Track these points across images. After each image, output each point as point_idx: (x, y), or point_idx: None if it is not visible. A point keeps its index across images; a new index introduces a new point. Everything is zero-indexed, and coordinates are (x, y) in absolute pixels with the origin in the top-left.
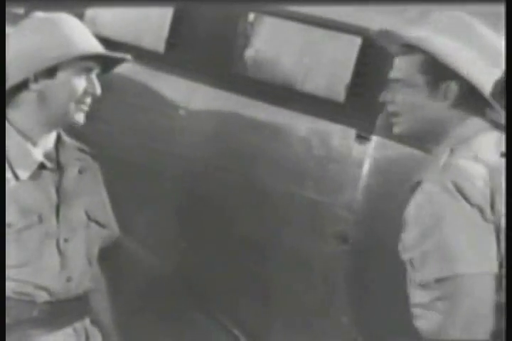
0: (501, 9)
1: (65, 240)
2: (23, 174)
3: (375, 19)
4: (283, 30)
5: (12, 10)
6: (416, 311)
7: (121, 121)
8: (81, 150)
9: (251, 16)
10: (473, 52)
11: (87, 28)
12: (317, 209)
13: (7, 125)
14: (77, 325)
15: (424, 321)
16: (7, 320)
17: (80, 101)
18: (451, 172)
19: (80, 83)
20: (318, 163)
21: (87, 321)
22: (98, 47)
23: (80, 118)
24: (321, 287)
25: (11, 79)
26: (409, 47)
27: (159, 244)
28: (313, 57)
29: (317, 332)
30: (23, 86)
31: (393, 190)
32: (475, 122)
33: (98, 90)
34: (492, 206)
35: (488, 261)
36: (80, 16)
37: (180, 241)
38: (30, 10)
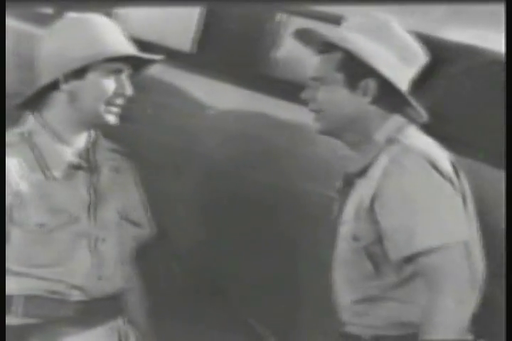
0: (501, 9)
1: (98, 239)
2: (55, 174)
3: (400, 20)
4: None
5: (40, 10)
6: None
7: (149, 121)
8: (115, 150)
9: (279, 16)
10: (389, 51)
11: (118, 28)
12: None
13: (39, 125)
14: (111, 324)
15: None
16: (39, 319)
17: (110, 102)
18: (419, 151)
19: (109, 84)
20: (343, 163)
21: (120, 321)
22: (129, 48)
23: (110, 119)
24: None
25: (43, 79)
26: (328, 46)
27: (186, 243)
28: None
29: None
30: (54, 86)
31: None
32: (396, 118)
33: (129, 91)
34: (457, 178)
35: (462, 229)
36: (111, 16)
37: (207, 240)
38: (60, 10)
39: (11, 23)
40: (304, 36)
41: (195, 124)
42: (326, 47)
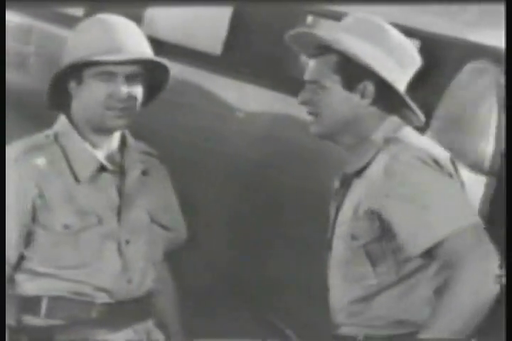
0: (501, 9)
1: (126, 242)
2: (83, 176)
3: (433, 22)
4: None
5: (70, 12)
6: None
7: (177, 123)
8: (146, 152)
9: (309, 18)
10: (385, 53)
11: (143, 31)
12: None
13: (69, 126)
14: (138, 326)
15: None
16: (63, 320)
17: (109, 107)
18: (420, 148)
19: (103, 88)
20: None
21: (149, 323)
22: (132, 50)
23: (114, 122)
24: None
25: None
26: (324, 49)
27: (211, 243)
28: None
29: None
30: (64, 89)
31: None
32: (393, 118)
33: (123, 94)
34: (456, 171)
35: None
36: (139, 19)
37: (232, 240)
38: (90, 12)
39: (39, 24)
40: (299, 39)
41: (223, 126)
42: (321, 49)
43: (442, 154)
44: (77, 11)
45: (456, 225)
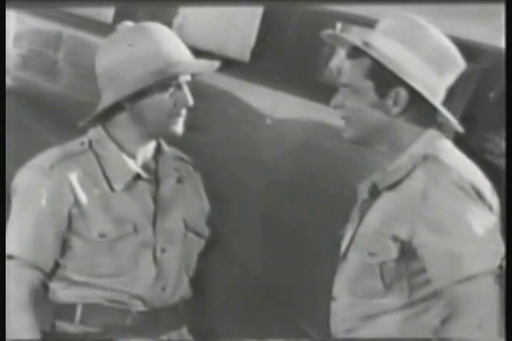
0: (501, 9)
1: (162, 250)
2: (118, 184)
3: (461, 28)
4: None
5: (99, 19)
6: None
7: (206, 130)
8: (181, 159)
9: (338, 25)
10: (422, 58)
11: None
12: None
13: (104, 136)
14: (172, 334)
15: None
16: (97, 328)
17: (173, 115)
18: (462, 175)
19: (171, 98)
20: None
21: (184, 330)
22: (190, 63)
23: (176, 130)
24: None
25: (104, 94)
26: (359, 51)
27: (243, 250)
28: None
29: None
30: (116, 106)
31: None
32: (431, 132)
33: (190, 101)
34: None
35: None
36: (169, 25)
37: (263, 248)
38: (119, 19)
39: (69, 31)
40: (334, 40)
41: (253, 133)
42: (356, 51)
43: (484, 182)
44: (107, 18)
45: (484, 267)
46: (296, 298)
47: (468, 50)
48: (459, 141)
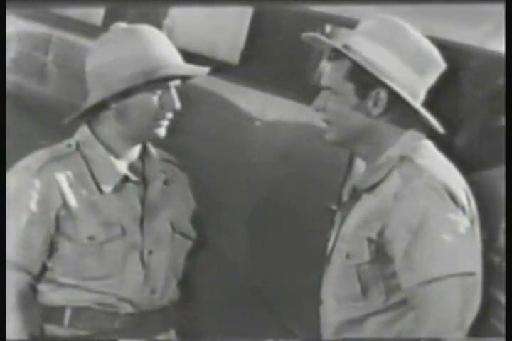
0: (501, 9)
1: (150, 252)
2: (107, 187)
3: (452, 32)
4: None
5: (88, 21)
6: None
7: (196, 133)
8: (168, 160)
9: (327, 28)
10: (402, 59)
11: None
12: None
13: (92, 137)
14: (160, 336)
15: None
16: (86, 331)
17: (158, 117)
18: (434, 176)
19: (156, 100)
20: None
21: (172, 333)
22: (178, 64)
23: (159, 132)
24: None
25: (91, 94)
26: (338, 54)
27: (231, 252)
28: None
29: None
30: (102, 103)
31: None
32: (411, 133)
33: (178, 105)
34: (468, 203)
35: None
36: (158, 27)
37: (251, 249)
38: (109, 21)
39: (58, 33)
40: (314, 44)
41: (242, 136)
42: (336, 53)
43: (459, 184)
44: (96, 20)
45: (447, 271)
46: (285, 300)
47: (456, 52)
48: (445, 141)
